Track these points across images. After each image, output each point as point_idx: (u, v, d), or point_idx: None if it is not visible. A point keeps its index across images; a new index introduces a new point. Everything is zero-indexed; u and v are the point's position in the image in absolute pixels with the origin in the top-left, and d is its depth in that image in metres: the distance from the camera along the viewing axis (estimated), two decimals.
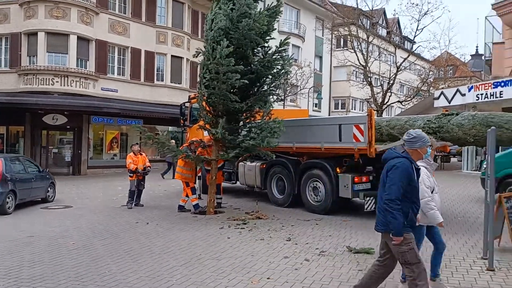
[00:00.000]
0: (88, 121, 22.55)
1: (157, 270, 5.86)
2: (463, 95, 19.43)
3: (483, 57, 30.82)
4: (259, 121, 10.03)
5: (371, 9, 30.88)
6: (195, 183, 11.05)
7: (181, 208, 10.51)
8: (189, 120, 14.25)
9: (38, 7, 20.27)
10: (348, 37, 30.67)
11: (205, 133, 10.85)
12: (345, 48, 33.75)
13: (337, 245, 7.07)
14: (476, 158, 21.55)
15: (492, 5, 19.38)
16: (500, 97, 17.28)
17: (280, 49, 10.00)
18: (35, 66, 20.37)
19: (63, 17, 20.46)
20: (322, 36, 36.23)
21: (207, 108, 10.07)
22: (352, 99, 40.48)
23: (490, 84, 18.09)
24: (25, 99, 19.64)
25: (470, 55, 46.14)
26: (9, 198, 11.02)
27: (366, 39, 30.20)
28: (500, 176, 10.67)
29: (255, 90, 10.28)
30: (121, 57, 23.59)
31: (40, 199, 12.72)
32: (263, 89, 10.29)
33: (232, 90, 9.49)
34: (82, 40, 21.27)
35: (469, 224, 8.82)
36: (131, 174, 11.45)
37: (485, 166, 9.19)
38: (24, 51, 20.79)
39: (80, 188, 16.11)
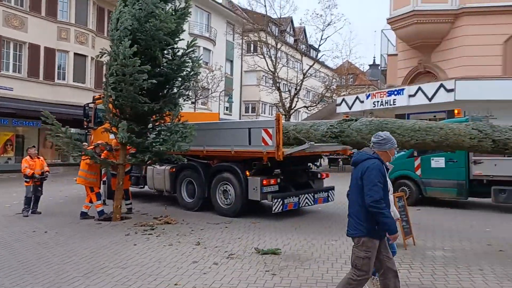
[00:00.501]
0: None
1: (56, 282, 5.47)
2: (362, 102, 20.93)
3: (379, 67, 33.37)
4: (169, 124, 9.86)
5: (279, 17, 31.95)
6: (100, 188, 10.53)
7: (84, 215, 9.93)
8: (93, 122, 13.56)
9: None
10: (258, 43, 31.45)
11: (111, 136, 10.41)
12: (255, 54, 34.55)
13: (245, 247, 7.17)
14: None
15: (387, 19, 21.10)
16: (394, 104, 18.91)
17: (188, 50, 9.89)
18: None
19: None
20: (233, 40, 36.72)
21: (114, 111, 9.65)
22: (262, 103, 41.48)
23: (385, 93, 19.72)
24: None
25: (368, 65, 49.66)
26: None
27: (275, 45, 31.19)
28: (393, 177, 11.65)
29: (165, 92, 10.08)
30: (18, 53, 21.73)
31: None
32: (173, 92, 10.13)
33: (140, 92, 9.21)
34: None
35: None
36: (27, 180, 10.56)
37: None
38: None
39: None
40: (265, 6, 30.53)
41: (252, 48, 37.78)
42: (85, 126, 14.16)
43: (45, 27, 22.51)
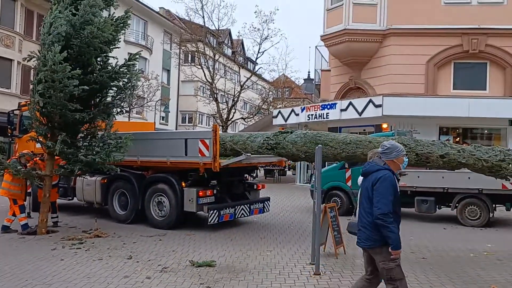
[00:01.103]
0: None
1: None
2: (297, 115, 21.50)
3: (313, 82, 34.50)
4: (101, 133, 9.52)
5: (217, 28, 32.09)
6: (24, 200, 9.88)
7: (6, 229, 9.27)
8: (18, 130, 12.77)
9: None
10: (196, 53, 31.33)
11: (38, 145, 9.85)
12: (193, 64, 34.37)
13: (180, 260, 7.06)
14: (307, 172, 23.90)
15: (321, 36, 21.93)
16: (327, 118, 19.62)
17: (129, 63, 9.64)
18: None
19: None
20: (170, 50, 36.31)
21: (41, 119, 9.14)
22: (199, 114, 41.27)
23: (318, 106, 20.42)
24: None
25: (303, 79, 51.13)
26: None
27: (213, 56, 31.26)
28: (325, 188, 12.05)
29: (97, 100, 9.72)
30: None
31: None
32: (107, 101, 9.80)
33: (72, 100, 8.82)
34: None
35: (300, 232, 9.71)
36: None
37: (314, 179, 10.27)
38: None
39: None
40: (203, 17, 30.47)
41: (189, 58, 37.53)
42: (9, 134, 13.33)
43: None
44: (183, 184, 9.55)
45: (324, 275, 6.29)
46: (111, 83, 9.57)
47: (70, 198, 11.82)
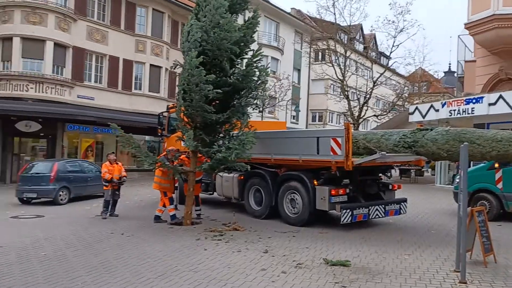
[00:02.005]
0: (63, 128, 22.13)
1: (132, 282, 5.76)
2: (437, 110, 19.93)
3: (455, 74, 31.71)
4: (237, 132, 10.04)
5: (349, 24, 31.45)
6: (173, 193, 10.96)
7: (157, 219, 10.38)
8: (167, 130, 14.15)
9: (14, 12, 19.91)
10: (326, 51, 31.16)
11: (183, 143, 10.80)
12: (323, 62, 34.28)
13: (314, 257, 7.09)
14: (448, 172, 22.06)
15: (465, 24, 20.01)
16: (472, 113, 17.80)
17: (254, 59, 9.98)
18: (9, 71, 19.94)
19: (39, 23, 20.15)
20: (301, 49, 36.72)
21: (185, 120, 10.01)
22: (329, 112, 41.00)
23: (462, 101, 18.63)
24: None
25: (443, 72, 47.40)
26: (62, 192, 14.04)
27: (344, 53, 30.75)
28: (471, 191, 10.96)
29: (235, 102, 10.26)
30: (99, 64, 23.34)
31: (101, 194, 13.75)
32: (241, 101, 10.29)
33: (214, 103, 9.46)
34: (59, 46, 20.97)
35: (442, 237, 9.00)
36: (106, 184, 11.28)
37: (457, 180, 9.42)
38: None
39: None
40: (334, 14, 30.08)
41: (320, 57, 37.52)
42: (159, 134, 14.82)
43: (124, 40, 23.99)
44: (315, 182, 9.57)
45: (471, 284, 5.73)
46: (243, 84, 9.96)
47: (211, 192, 12.74)
